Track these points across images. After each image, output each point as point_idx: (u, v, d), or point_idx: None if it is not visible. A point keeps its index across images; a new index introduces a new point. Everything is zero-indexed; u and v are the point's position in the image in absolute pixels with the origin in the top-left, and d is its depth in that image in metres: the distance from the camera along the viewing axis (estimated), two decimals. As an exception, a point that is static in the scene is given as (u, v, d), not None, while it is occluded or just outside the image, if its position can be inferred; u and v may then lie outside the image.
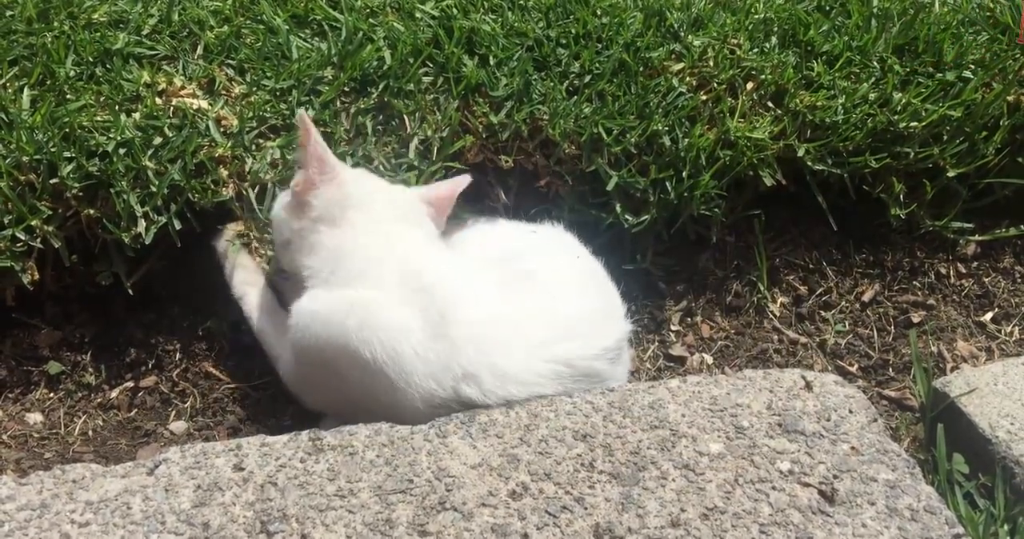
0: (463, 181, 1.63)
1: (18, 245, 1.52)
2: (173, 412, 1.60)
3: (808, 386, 1.43)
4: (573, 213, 1.78)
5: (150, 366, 1.66)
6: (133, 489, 1.21)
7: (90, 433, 1.56)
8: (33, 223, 1.52)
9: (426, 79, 1.81)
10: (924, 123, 1.87)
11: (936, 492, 1.29)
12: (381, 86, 1.77)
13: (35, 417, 1.57)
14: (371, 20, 1.92)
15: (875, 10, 2.10)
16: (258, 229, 1.67)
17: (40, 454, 1.51)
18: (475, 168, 1.74)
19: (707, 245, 1.90)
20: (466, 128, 1.77)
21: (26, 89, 1.65)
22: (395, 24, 1.90)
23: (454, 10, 1.94)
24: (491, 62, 1.84)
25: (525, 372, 1.38)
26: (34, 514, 1.17)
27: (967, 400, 1.54)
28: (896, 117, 1.87)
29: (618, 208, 1.77)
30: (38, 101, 1.64)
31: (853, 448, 1.32)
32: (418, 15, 1.94)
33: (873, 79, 1.93)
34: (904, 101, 1.88)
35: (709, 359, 1.79)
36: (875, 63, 1.97)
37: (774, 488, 1.26)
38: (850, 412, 1.39)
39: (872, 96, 1.89)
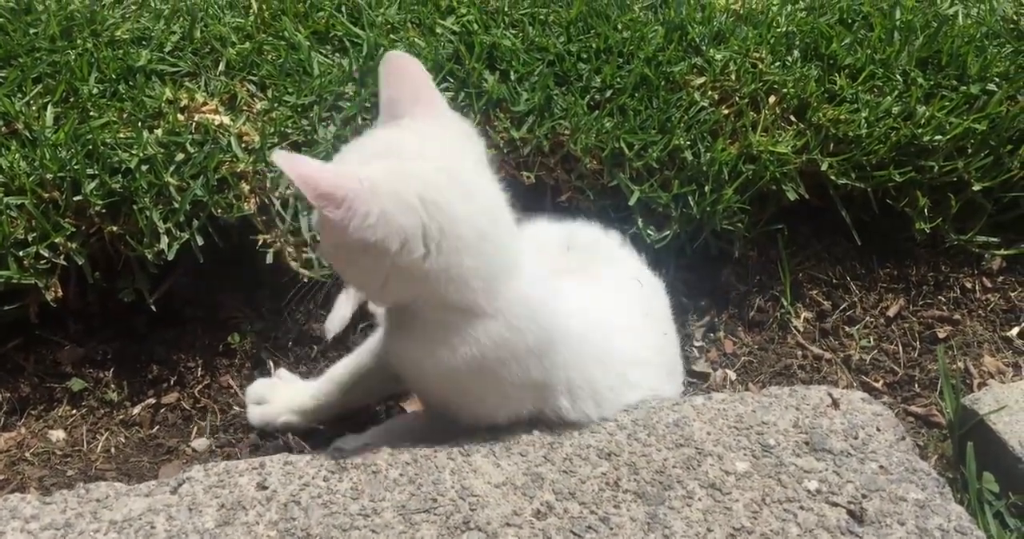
0: None
1: (42, 262, 1.52)
2: (195, 429, 1.60)
3: (835, 403, 1.42)
4: (595, 227, 1.77)
5: (172, 383, 1.66)
6: (157, 508, 1.20)
7: (112, 450, 1.56)
8: (57, 240, 1.53)
9: (447, 94, 1.81)
10: (948, 136, 1.86)
11: (966, 512, 1.27)
12: (402, 102, 1.77)
13: (58, 434, 1.57)
14: (392, 36, 1.92)
15: (898, 23, 2.08)
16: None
17: (63, 471, 1.51)
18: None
19: (729, 260, 1.88)
20: (487, 143, 1.76)
21: (50, 106, 1.66)
22: (416, 40, 1.90)
23: (475, 25, 1.94)
24: (512, 77, 1.84)
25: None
26: (58, 534, 1.17)
27: (996, 418, 1.52)
28: (920, 130, 1.85)
29: (640, 223, 1.76)
30: (62, 118, 1.65)
31: (882, 467, 1.31)
32: (439, 31, 1.94)
33: (896, 92, 1.92)
34: (928, 114, 1.87)
35: (732, 375, 1.78)
36: (898, 76, 1.96)
37: (802, 508, 1.24)
38: (878, 430, 1.37)
39: (895, 109, 1.88)
